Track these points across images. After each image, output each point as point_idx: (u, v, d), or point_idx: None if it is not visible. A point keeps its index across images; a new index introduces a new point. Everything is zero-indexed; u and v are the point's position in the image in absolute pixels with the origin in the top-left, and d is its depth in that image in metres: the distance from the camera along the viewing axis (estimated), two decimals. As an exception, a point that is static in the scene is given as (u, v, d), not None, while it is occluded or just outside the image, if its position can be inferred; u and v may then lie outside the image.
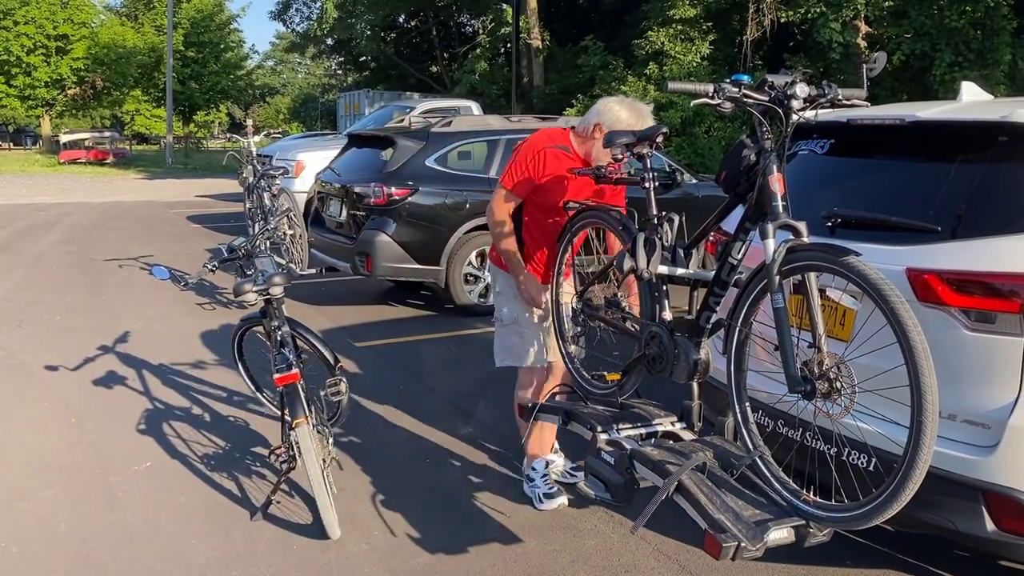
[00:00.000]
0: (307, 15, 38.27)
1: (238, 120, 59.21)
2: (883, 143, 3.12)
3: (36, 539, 3.38)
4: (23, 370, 5.60)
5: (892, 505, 2.10)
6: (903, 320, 2.05)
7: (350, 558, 3.27)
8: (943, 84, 14.56)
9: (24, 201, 17.23)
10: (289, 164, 10.72)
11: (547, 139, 3.51)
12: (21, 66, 36.06)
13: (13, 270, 9.22)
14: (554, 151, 3.47)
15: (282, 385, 3.47)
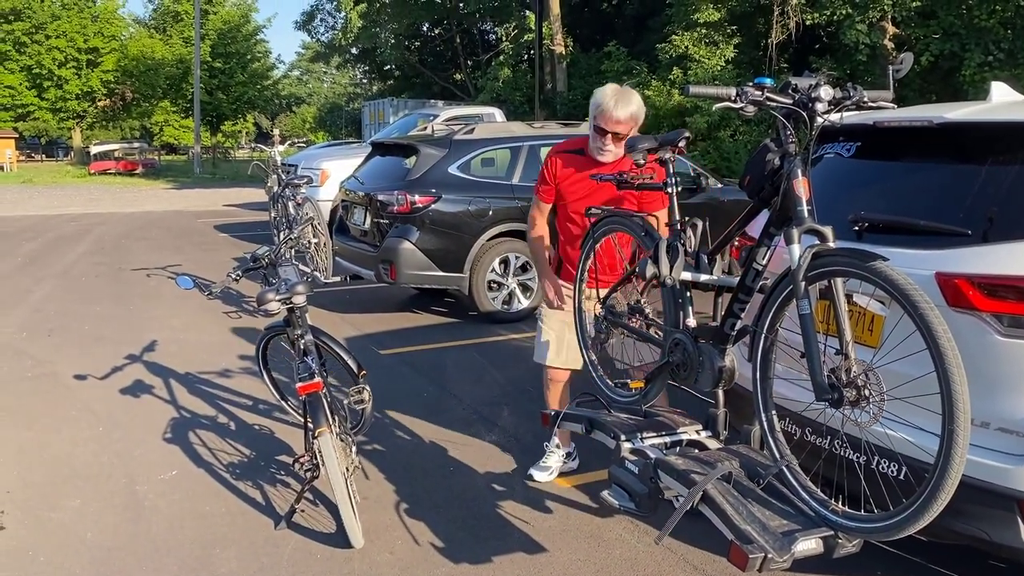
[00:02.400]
0: (332, 25, 38.60)
1: (265, 130, 59.83)
2: (911, 145, 3.06)
3: (63, 548, 3.41)
4: (52, 379, 5.66)
5: (924, 515, 2.05)
6: (933, 326, 2.00)
7: (374, 567, 3.26)
8: (972, 84, 14.36)
9: (55, 212, 17.50)
10: (314, 173, 10.78)
11: (564, 145, 3.72)
12: (53, 79, 36.75)
13: (43, 280, 9.35)
14: (566, 155, 3.64)
15: (305, 394, 3.48)
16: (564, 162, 3.66)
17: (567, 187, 3.63)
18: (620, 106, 3.41)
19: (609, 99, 3.42)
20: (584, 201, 3.52)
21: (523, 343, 6.49)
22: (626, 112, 3.42)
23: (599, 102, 3.43)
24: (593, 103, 3.48)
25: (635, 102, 3.46)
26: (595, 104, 3.46)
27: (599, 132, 3.47)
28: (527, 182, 7.46)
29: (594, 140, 3.53)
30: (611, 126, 3.44)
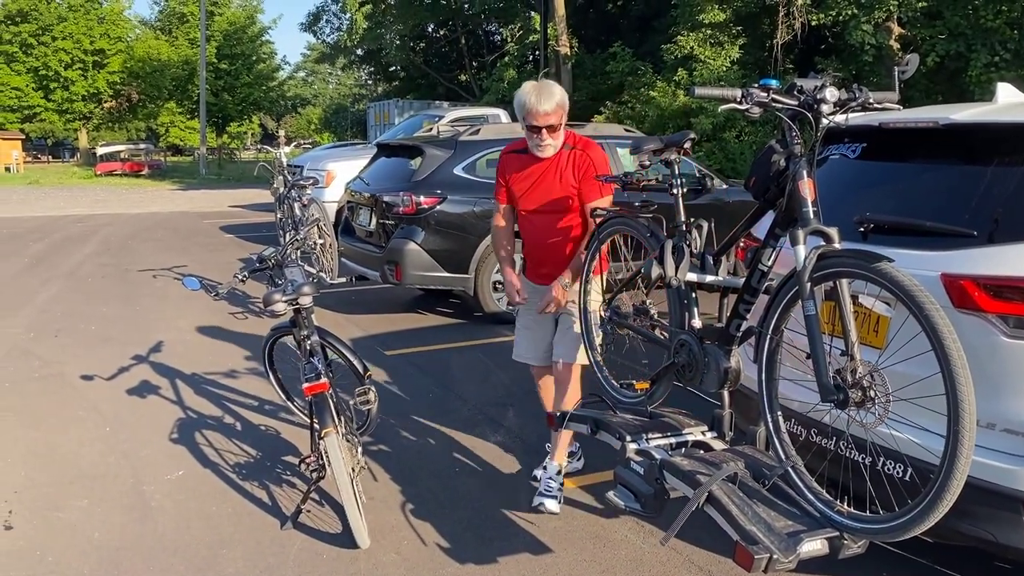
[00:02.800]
0: (337, 26, 38.61)
1: (270, 131, 59.91)
2: (917, 146, 3.06)
3: (71, 548, 3.42)
4: (59, 380, 5.69)
5: (929, 516, 2.05)
6: (938, 327, 2.00)
7: (380, 568, 3.27)
8: (978, 85, 14.32)
9: (62, 213, 17.56)
10: (319, 174, 10.82)
11: (512, 145, 3.77)
12: (59, 80, 36.92)
13: (50, 281, 9.38)
14: (513, 155, 3.72)
15: (311, 394, 3.49)
16: (511, 161, 3.73)
17: (514, 185, 3.69)
18: (543, 100, 3.41)
19: (531, 96, 3.43)
20: (527, 197, 3.66)
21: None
22: (551, 103, 3.42)
23: (522, 102, 3.44)
24: (517, 105, 3.49)
25: (557, 92, 3.48)
26: (519, 105, 3.47)
27: (532, 131, 3.49)
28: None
29: (531, 139, 3.54)
30: (540, 120, 3.44)
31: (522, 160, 3.66)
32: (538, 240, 3.71)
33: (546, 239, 3.67)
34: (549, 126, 3.46)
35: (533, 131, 3.48)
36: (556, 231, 3.63)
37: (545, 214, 3.62)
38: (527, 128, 3.49)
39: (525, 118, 3.46)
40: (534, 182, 3.61)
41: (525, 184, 3.64)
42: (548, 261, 3.71)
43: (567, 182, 3.55)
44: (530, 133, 3.51)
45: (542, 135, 3.48)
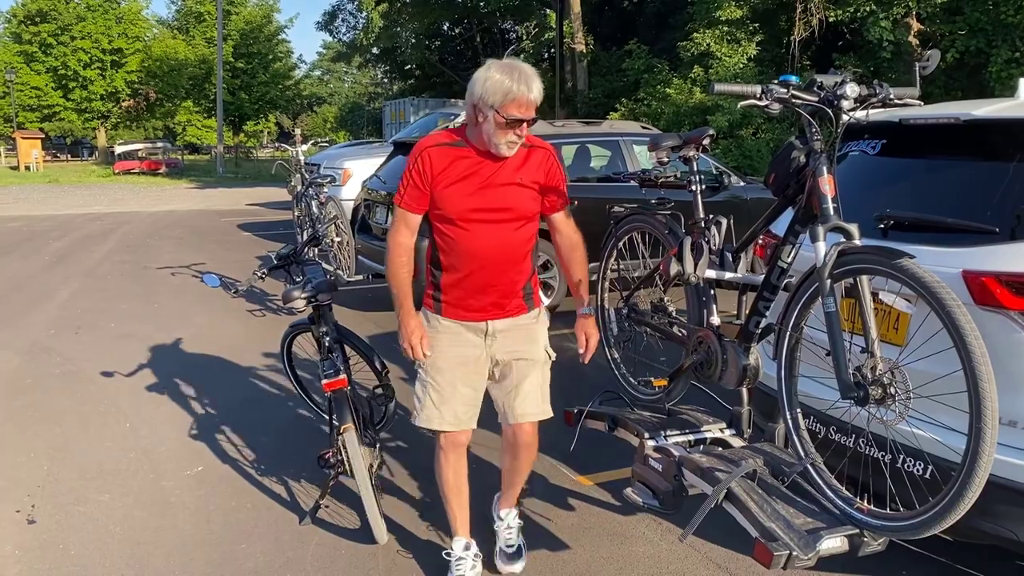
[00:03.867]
0: (353, 25, 38.79)
1: (287, 129, 60.10)
2: (937, 143, 3.04)
3: (92, 542, 3.46)
4: (80, 376, 5.74)
5: (950, 514, 2.04)
6: (960, 324, 1.99)
7: (397, 563, 3.29)
8: (999, 81, 14.19)
9: (81, 211, 17.71)
10: (336, 172, 10.85)
11: (431, 138, 2.89)
12: (78, 80, 37.24)
13: (70, 279, 9.47)
14: (440, 149, 2.82)
15: (330, 391, 3.51)
16: (438, 158, 2.81)
17: (446, 188, 2.80)
18: (532, 84, 2.67)
19: (515, 79, 2.64)
20: (468, 201, 2.81)
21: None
22: (539, 89, 2.70)
23: (505, 87, 2.63)
24: (492, 89, 2.65)
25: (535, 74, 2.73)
26: (495, 90, 2.64)
27: (510, 124, 2.68)
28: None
29: (497, 134, 2.70)
30: (526, 111, 2.69)
31: (457, 157, 2.81)
32: (484, 257, 2.85)
33: (497, 255, 2.86)
34: (532, 119, 2.73)
35: (512, 125, 2.68)
36: (511, 244, 2.88)
37: (498, 223, 2.83)
38: (505, 120, 2.66)
39: (504, 107, 2.65)
40: (483, 183, 2.80)
41: (467, 186, 2.79)
42: (496, 284, 2.90)
43: (527, 184, 2.85)
44: (502, 127, 2.68)
45: (521, 129, 2.72)
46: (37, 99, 37.37)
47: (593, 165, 8.20)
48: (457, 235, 2.84)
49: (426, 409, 3.02)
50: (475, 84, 2.70)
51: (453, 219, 2.82)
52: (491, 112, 2.67)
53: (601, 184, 7.69)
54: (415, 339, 2.91)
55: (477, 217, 2.82)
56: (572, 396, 4.06)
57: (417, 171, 2.82)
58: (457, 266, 2.89)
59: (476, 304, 2.93)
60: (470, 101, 2.73)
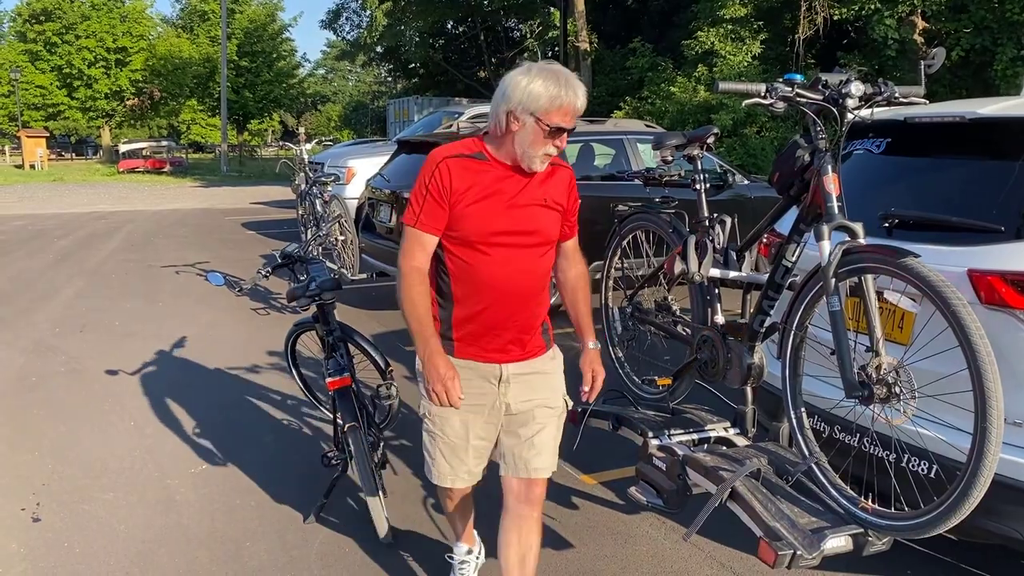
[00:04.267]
0: (357, 23, 38.72)
1: (291, 128, 60.24)
2: (942, 141, 3.04)
3: (97, 540, 3.47)
4: (85, 375, 5.75)
5: (955, 514, 2.04)
6: (965, 323, 1.99)
7: (401, 561, 3.29)
8: (1004, 80, 14.14)
9: (85, 210, 17.74)
10: (340, 171, 10.84)
11: (449, 149, 2.48)
12: (83, 79, 37.35)
13: (75, 277, 9.48)
14: (461, 160, 2.44)
15: (334, 389, 3.52)
16: (463, 174, 2.43)
17: (470, 210, 2.42)
18: (580, 91, 2.38)
19: (562, 84, 2.33)
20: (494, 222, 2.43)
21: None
22: (584, 97, 2.40)
23: (552, 92, 2.32)
24: (536, 93, 2.32)
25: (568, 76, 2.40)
26: (540, 95, 2.32)
27: (552, 134, 2.37)
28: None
29: (535, 145, 2.38)
30: (570, 120, 2.38)
31: (479, 171, 2.44)
32: (506, 287, 2.48)
33: (521, 284, 2.50)
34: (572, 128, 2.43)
35: (554, 135, 2.37)
36: (536, 272, 2.54)
37: (523, 248, 2.48)
38: (548, 129, 2.35)
39: (548, 114, 2.33)
40: (508, 203, 2.44)
41: (491, 205, 2.43)
42: (516, 319, 2.54)
43: (552, 204, 2.52)
44: (541, 139, 2.37)
45: (563, 140, 2.43)
46: (42, 98, 37.47)
47: (597, 164, 8.20)
48: (476, 261, 2.44)
49: (438, 465, 2.68)
50: (512, 88, 2.34)
51: (474, 242, 2.43)
52: (530, 120, 2.34)
53: (605, 183, 7.68)
54: (449, 382, 2.43)
55: (500, 241, 2.43)
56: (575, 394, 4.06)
57: (436, 186, 2.41)
58: (473, 297, 2.49)
59: (493, 343, 2.54)
60: (503, 107, 2.36)
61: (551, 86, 2.33)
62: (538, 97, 2.33)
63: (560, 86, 2.34)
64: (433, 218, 2.43)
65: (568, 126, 2.38)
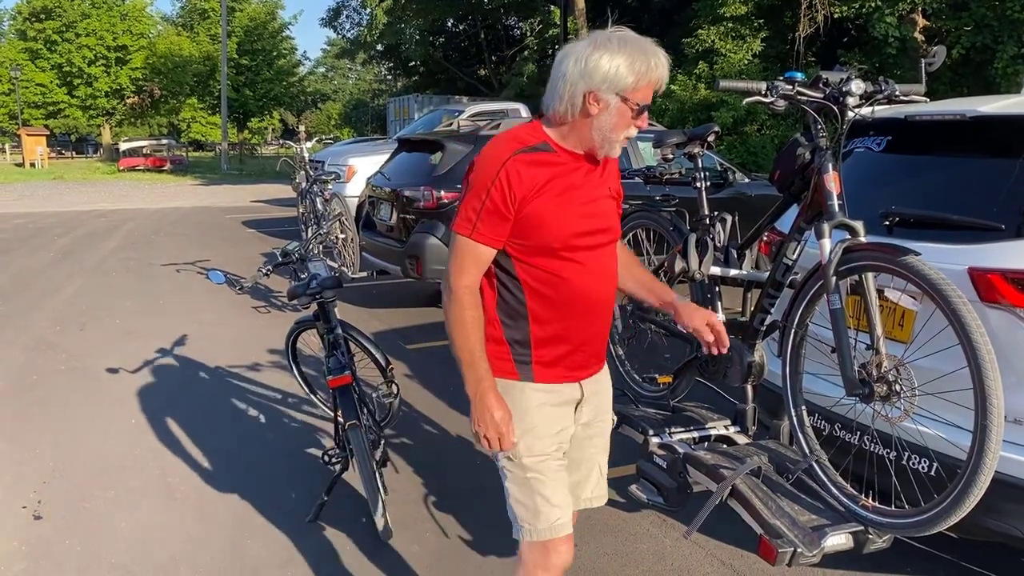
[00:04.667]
0: (357, 21, 38.74)
1: (291, 126, 60.24)
2: (943, 139, 3.04)
3: (98, 537, 3.47)
4: (85, 373, 5.76)
5: (955, 512, 2.04)
6: (965, 321, 1.99)
7: (402, 560, 3.29)
8: (1005, 78, 14.14)
9: (86, 208, 17.74)
10: (341, 169, 10.85)
11: (510, 143, 2.07)
12: (83, 77, 37.37)
13: (75, 276, 9.49)
14: (528, 156, 2.04)
15: (335, 387, 3.52)
16: (534, 172, 2.03)
17: (548, 213, 2.04)
18: (665, 59, 2.03)
19: (649, 54, 1.99)
20: (574, 225, 2.08)
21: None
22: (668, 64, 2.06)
23: (640, 66, 1.97)
24: (624, 69, 1.96)
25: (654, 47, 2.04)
26: (628, 70, 1.97)
27: (635, 111, 2.02)
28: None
29: (618, 128, 2.04)
30: (649, 95, 2.05)
31: (549, 164, 2.05)
32: (593, 295, 2.15)
33: (606, 288, 2.21)
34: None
35: (639, 114, 2.04)
36: (614, 272, 2.25)
37: (601, 249, 2.16)
38: (637, 108, 2.02)
39: (636, 92, 2.00)
40: (584, 198, 2.10)
41: (568, 204, 2.07)
42: (602, 328, 2.24)
43: (613, 194, 2.21)
44: (624, 119, 2.03)
45: (641, 120, 2.06)
46: (42, 96, 37.50)
47: (597, 162, 8.19)
48: (561, 270, 2.09)
49: (543, 515, 2.17)
50: (593, 65, 1.96)
51: (555, 249, 2.07)
52: (615, 100, 2.00)
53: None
54: (504, 425, 2.11)
55: (583, 243, 2.10)
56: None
57: (500, 190, 2.00)
58: (559, 311, 2.12)
59: (578, 359, 2.21)
60: (580, 87, 1.99)
61: (639, 60, 1.98)
62: (627, 73, 1.98)
63: (648, 57, 1.99)
64: (494, 227, 2.03)
65: (646, 102, 2.05)
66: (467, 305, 2.08)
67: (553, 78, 2.04)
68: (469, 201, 2.05)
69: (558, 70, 2.03)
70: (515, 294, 2.13)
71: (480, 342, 2.10)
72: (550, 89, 2.05)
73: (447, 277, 2.10)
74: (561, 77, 2.02)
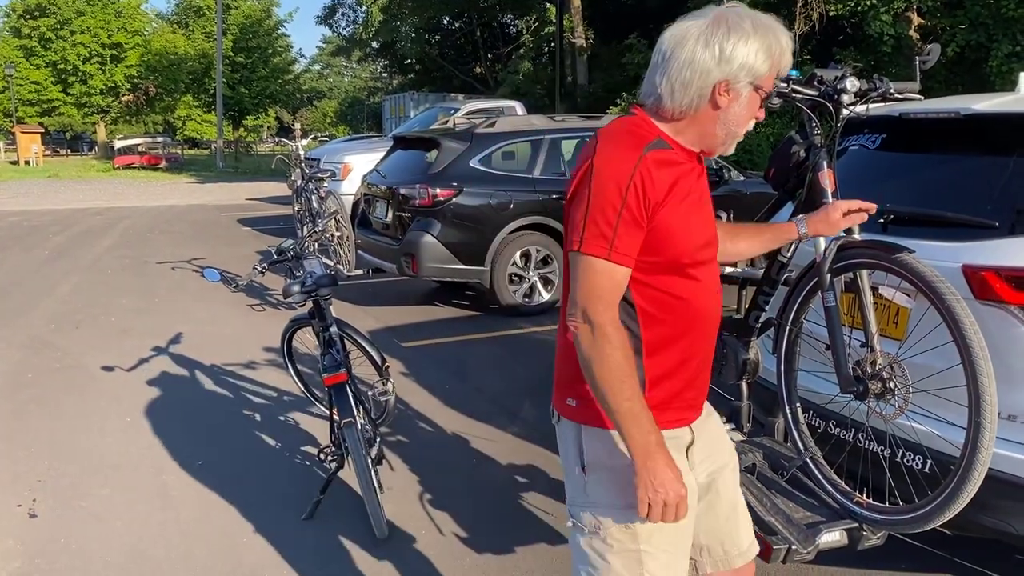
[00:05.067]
0: (353, 19, 38.71)
1: (286, 124, 60.12)
2: (937, 137, 3.04)
3: (94, 535, 3.47)
4: (81, 371, 5.75)
5: (949, 508, 2.05)
6: (959, 318, 2.00)
7: (398, 557, 3.29)
8: (999, 76, 14.16)
9: (81, 206, 17.70)
10: (336, 167, 10.85)
11: (633, 139, 1.71)
12: (78, 74, 37.27)
13: (71, 274, 9.47)
14: (656, 156, 1.69)
15: (330, 385, 3.51)
16: (664, 175, 1.69)
17: (676, 221, 1.72)
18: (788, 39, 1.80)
19: (779, 35, 1.76)
20: (702, 238, 1.79)
21: (544, 336, 6.51)
22: None
23: (775, 48, 1.74)
24: (763, 52, 1.72)
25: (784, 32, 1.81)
26: (767, 53, 1.73)
27: (762, 101, 1.80)
28: (548, 175, 7.46)
29: (742, 121, 1.79)
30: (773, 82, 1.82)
31: (674, 165, 1.73)
32: (714, 318, 1.87)
33: (717, 311, 1.89)
34: None
35: (764, 103, 1.83)
36: (720, 290, 1.90)
37: (714, 261, 1.88)
38: (763, 98, 1.80)
39: (766, 80, 1.77)
40: (705, 204, 1.83)
41: (693, 211, 1.76)
42: (708, 359, 1.92)
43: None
44: (756, 109, 1.80)
45: (761, 110, 1.83)
46: (36, 94, 37.39)
47: (593, 160, 8.19)
48: (683, 290, 1.77)
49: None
50: (731, 51, 1.70)
51: (683, 265, 1.76)
52: (748, 89, 1.74)
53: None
54: (684, 492, 1.69)
55: (705, 257, 1.80)
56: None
57: (637, 197, 1.65)
58: (679, 341, 1.79)
59: (690, 396, 1.87)
60: (715, 76, 1.70)
61: (774, 43, 1.74)
62: (763, 60, 1.73)
63: (780, 39, 1.76)
64: (632, 243, 1.67)
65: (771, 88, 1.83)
66: (618, 344, 1.67)
67: (668, 65, 1.72)
68: (600, 212, 1.65)
69: (677, 56, 1.71)
70: (628, 325, 1.74)
71: (638, 386, 1.69)
72: (663, 78, 1.73)
73: (579, 312, 1.67)
74: (687, 64, 1.70)
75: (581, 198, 1.68)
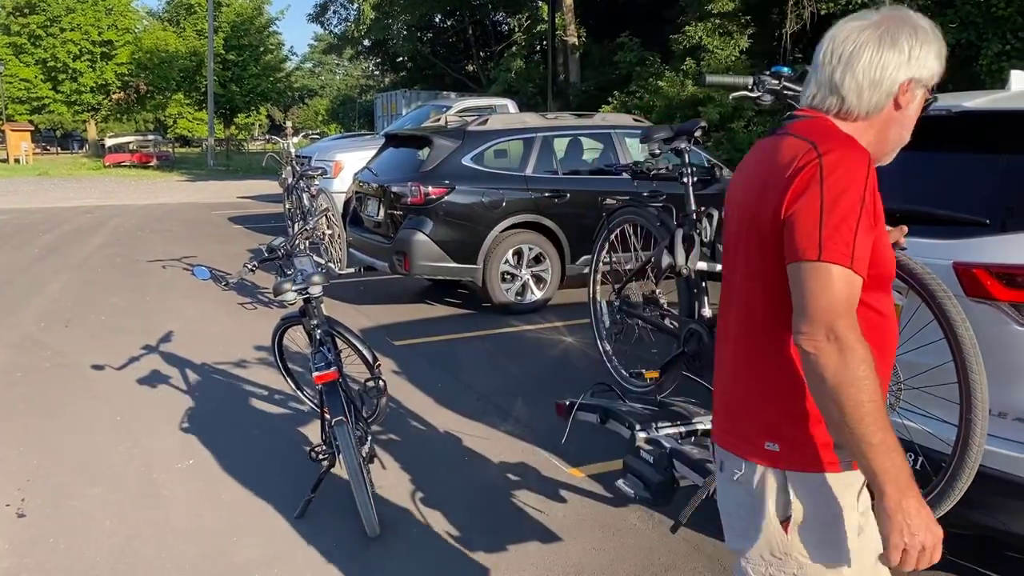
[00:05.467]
0: (344, 17, 38.67)
1: (278, 122, 59.98)
2: (928, 134, 3.03)
3: (83, 535, 3.45)
4: (70, 370, 5.72)
5: (940, 505, 2.05)
6: (950, 315, 2.00)
7: (389, 556, 3.29)
8: (990, 74, 14.23)
9: (71, 204, 17.62)
10: (327, 165, 10.82)
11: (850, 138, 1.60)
12: (68, 72, 37.06)
13: (61, 272, 9.42)
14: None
15: (321, 383, 3.50)
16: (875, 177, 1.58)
17: (882, 231, 1.65)
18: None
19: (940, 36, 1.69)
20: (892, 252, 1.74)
21: (536, 334, 6.50)
22: None
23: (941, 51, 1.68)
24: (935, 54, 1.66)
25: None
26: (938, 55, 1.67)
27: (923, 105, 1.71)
28: (540, 173, 7.46)
29: (910, 125, 1.71)
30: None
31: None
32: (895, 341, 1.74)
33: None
34: None
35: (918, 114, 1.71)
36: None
37: None
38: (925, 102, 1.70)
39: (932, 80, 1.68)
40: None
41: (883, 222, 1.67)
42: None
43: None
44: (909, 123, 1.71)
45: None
46: (26, 91, 37.15)
47: (585, 158, 8.21)
48: (886, 306, 1.66)
49: None
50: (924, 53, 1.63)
51: (890, 278, 1.67)
52: (921, 92, 1.66)
53: (593, 177, 7.69)
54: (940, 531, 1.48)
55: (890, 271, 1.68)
56: (564, 388, 4.08)
57: (871, 200, 1.54)
58: (879, 365, 1.52)
59: None
60: (902, 75, 1.62)
61: (941, 45, 1.67)
62: (937, 59, 1.66)
63: (940, 38, 1.69)
64: (867, 253, 1.50)
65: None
66: (871, 365, 1.43)
67: (853, 64, 1.62)
68: (840, 217, 1.47)
69: (863, 55, 1.62)
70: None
71: (882, 404, 1.45)
72: (849, 77, 1.62)
73: (821, 330, 1.43)
74: (877, 63, 1.60)
75: (810, 201, 1.48)
